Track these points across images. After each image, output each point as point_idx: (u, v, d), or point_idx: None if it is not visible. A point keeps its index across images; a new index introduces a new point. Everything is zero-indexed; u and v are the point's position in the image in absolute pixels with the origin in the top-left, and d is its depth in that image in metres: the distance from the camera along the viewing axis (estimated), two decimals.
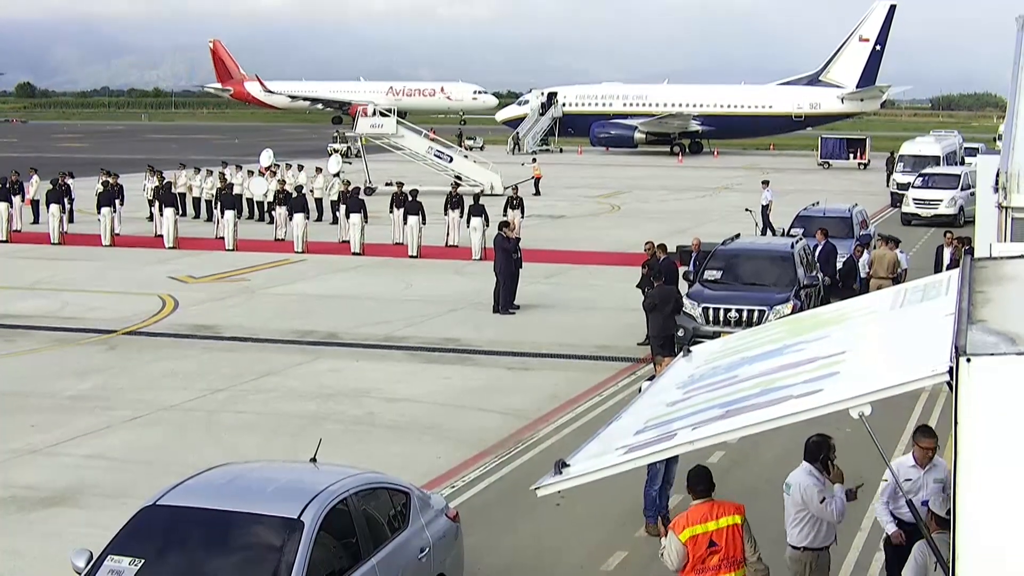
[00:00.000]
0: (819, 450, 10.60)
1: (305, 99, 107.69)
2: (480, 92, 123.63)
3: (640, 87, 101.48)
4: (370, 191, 38.94)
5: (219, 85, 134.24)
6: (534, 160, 59.64)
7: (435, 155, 55.76)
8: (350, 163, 61.47)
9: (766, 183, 44.21)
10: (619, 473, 7.79)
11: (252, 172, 48.36)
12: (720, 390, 8.58)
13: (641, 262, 25.12)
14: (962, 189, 46.09)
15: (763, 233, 37.06)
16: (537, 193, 56.31)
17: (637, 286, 24.38)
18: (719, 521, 9.53)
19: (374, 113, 56.59)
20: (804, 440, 10.38)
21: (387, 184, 40.96)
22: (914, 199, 47.03)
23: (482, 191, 47.30)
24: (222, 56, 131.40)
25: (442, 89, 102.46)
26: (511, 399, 19.82)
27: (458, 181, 47.10)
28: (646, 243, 25.39)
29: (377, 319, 26.24)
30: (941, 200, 45.92)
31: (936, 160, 55.07)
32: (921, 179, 48.35)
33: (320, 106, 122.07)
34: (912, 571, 9.11)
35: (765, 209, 41.59)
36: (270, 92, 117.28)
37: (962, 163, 61.43)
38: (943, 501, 9.36)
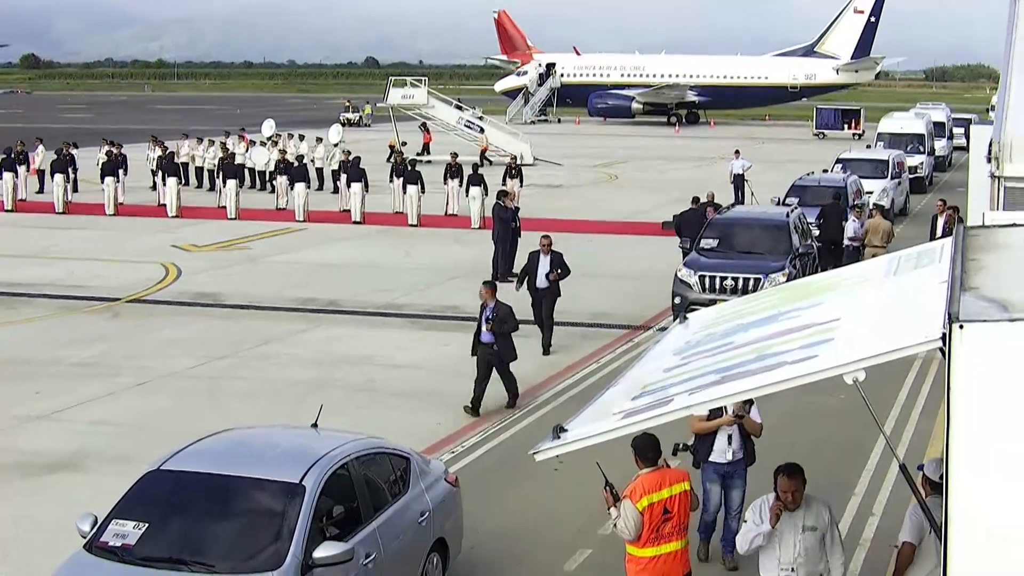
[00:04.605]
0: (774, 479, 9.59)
1: None
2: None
3: (637, 58, 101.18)
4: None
5: (504, 57, 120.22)
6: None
7: (465, 125, 55.47)
8: (369, 126, 60.74)
9: (737, 152, 42.87)
10: (616, 438, 7.89)
11: (254, 142, 48.44)
12: (716, 356, 8.63)
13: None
14: (892, 178, 38.62)
15: (736, 203, 36.58)
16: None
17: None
18: (672, 488, 9.55)
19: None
20: (799, 407, 10.36)
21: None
22: None
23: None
24: (507, 27, 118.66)
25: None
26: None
27: (456, 152, 46.85)
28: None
29: (378, 287, 26.34)
30: (871, 192, 36.28)
31: (920, 139, 48.72)
32: (840, 166, 38.40)
33: None
34: (909, 533, 9.22)
35: (739, 178, 41.11)
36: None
37: (950, 136, 60.86)
38: (937, 465, 9.46)
